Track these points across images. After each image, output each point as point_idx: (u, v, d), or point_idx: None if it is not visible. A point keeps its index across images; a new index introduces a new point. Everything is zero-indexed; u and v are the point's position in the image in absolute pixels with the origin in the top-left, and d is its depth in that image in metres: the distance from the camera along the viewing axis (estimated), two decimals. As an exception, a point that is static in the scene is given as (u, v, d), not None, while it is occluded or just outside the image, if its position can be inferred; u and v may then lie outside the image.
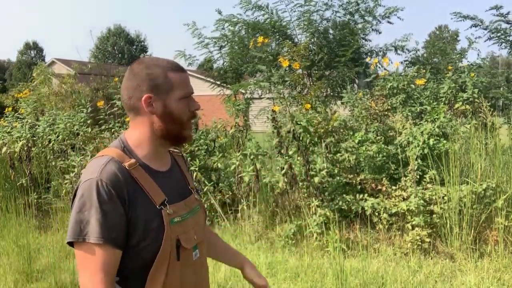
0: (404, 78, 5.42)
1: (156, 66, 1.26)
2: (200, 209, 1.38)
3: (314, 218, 4.31)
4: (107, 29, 48.54)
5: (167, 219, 1.20)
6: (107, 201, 1.13)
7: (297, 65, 5.09)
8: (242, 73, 8.73)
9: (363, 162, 4.71)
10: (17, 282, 3.84)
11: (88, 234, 1.12)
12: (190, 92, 1.29)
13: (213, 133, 5.99)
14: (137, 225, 1.17)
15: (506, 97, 6.92)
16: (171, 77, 1.25)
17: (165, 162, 1.33)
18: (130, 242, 1.17)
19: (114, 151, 1.23)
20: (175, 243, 1.21)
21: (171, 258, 1.20)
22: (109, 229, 1.13)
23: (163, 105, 1.24)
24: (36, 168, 6.02)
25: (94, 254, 1.13)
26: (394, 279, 3.58)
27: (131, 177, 1.19)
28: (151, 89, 1.24)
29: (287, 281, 3.70)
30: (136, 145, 1.27)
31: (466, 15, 7.50)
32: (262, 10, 8.09)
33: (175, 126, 1.26)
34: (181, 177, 1.38)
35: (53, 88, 9.24)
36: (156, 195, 1.21)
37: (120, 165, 1.19)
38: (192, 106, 1.29)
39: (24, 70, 39.88)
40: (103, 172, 1.15)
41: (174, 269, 1.21)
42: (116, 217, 1.14)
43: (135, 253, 1.18)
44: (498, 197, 4.02)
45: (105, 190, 1.13)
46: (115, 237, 1.14)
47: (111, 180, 1.14)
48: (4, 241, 4.55)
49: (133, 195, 1.17)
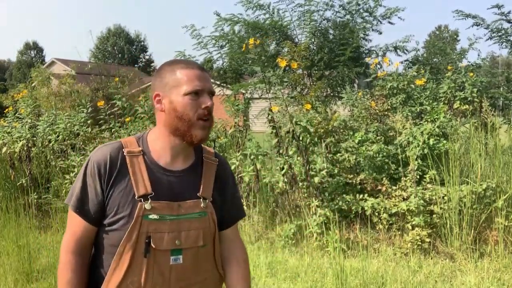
0: (404, 78, 5.43)
1: (171, 65, 1.30)
2: (203, 217, 1.30)
3: (314, 218, 4.31)
4: (107, 29, 48.55)
5: (140, 212, 1.21)
6: (89, 176, 1.25)
7: (295, 64, 5.08)
8: (242, 73, 8.74)
9: (363, 162, 4.71)
10: (17, 282, 3.84)
11: (72, 199, 1.28)
12: (199, 88, 1.25)
13: (213, 133, 5.99)
14: (112, 206, 1.23)
15: (506, 97, 6.92)
16: (179, 73, 1.27)
17: (180, 161, 1.31)
18: (104, 220, 1.25)
19: (129, 138, 1.33)
20: (144, 239, 1.20)
21: (137, 251, 1.21)
22: (82, 201, 1.25)
23: (169, 101, 1.26)
24: (36, 168, 6.02)
25: (72, 219, 1.28)
26: (394, 279, 3.58)
27: (124, 162, 1.25)
28: (160, 87, 1.29)
29: (287, 281, 3.69)
30: (152, 139, 1.31)
31: (467, 14, 7.51)
32: (263, 10, 8.09)
33: (181, 122, 1.25)
34: (195, 181, 1.32)
35: (52, 88, 9.25)
36: (140, 186, 1.23)
37: (117, 150, 1.27)
38: (203, 103, 1.26)
39: (24, 70, 39.89)
40: (98, 151, 1.28)
41: (140, 264, 1.21)
42: (93, 192, 1.24)
43: (106, 232, 1.25)
44: (498, 197, 4.02)
45: (91, 166, 1.25)
46: (86, 210, 1.25)
47: (98, 160, 1.25)
48: (4, 241, 4.55)
49: (116, 178, 1.24)
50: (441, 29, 55.24)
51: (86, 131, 5.80)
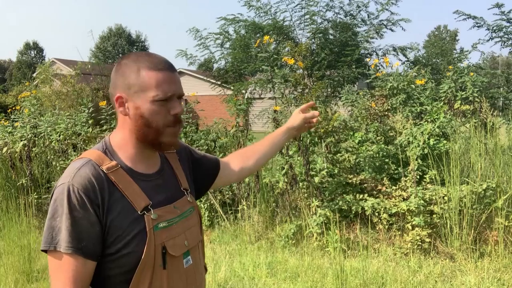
0: (404, 78, 5.42)
1: (134, 62, 1.15)
2: (193, 212, 1.28)
3: (314, 218, 4.31)
4: (108, 29, 48.58)
5: (150, 225, 1.12)
6: (77, 208, 1.06)
7: (301, 63, 5.09)
8: (243, 74, 8.76)
9: (363, 162, 4.71)
10: (17, 282, 3.84)
11: (59, 242, 1.06)
12: (170, 93, 1.14)
13: (214, 133, 5.99)
14: (115, 233, 1.09)
15: (506, 97, 6.92)
16: (144, 75, 1.12)
17: (152, 164, 1.24)
18: (108, 250, 1.10)
19: (94, 153, 1.16)
20: (160, 250, 1.12)
21: (156, 266, 1.12)
22: (78, 238, 1.06)
23: (135, 106, 1.14)
24: (36, 168, 6.03)
25: (65, 263, 1.06)
26: (394, 279, 3.58)
27: (109, 181, 1.11)
28: (123, 88, 1.15)
29: (287, 281, 3.70)
30: (118, 147, 1.19)
31: (468, 14, 7.51)
32: (263, 11, 8.13)
33: (150, 130, 1.14)
34: (173, 178, 1.28)
35: (54, 87, 9.26)
36: (137, 200, 1.13)
37: (97, 168, 1.11)
38: (172, 109, 1.14)
39: (24, 70, 39.88)
40: (76, 176, 1.08)
41: (160, 277, 1.13)
42: (87, 225, 1.07)
43: (114, 261, 1.10)
44: (498, 197, 4.02)
45: (76, 196, 1.06)
46: (85, 246, 1.07)
47: (83, 186, 1.07)
48: (4, 241, 4.55)
49: (109, 201, 1.09)
50: (440, 29, 55.20)
51: (87, 131, 5.81)
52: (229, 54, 8.57)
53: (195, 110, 7.09)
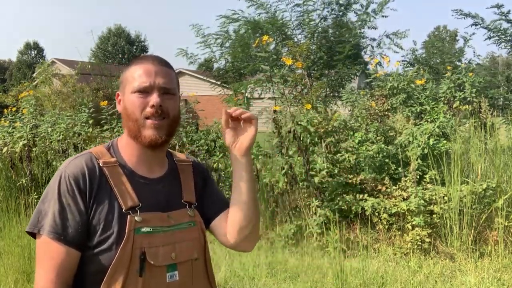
0: (404, 78, 5.43)
1: (133, 60, 1.21)
2: (194, 227, 1.21)
3: (314, 218, 4.31)
4: (108, 29, 48.60)
5: (132, 226, 1.08)
6: (66, 194, 1.08)
7: (299, 64, 5.10)
8: (243, 73, 8.76)
9: (363, 162, 4.71)
10: (17, 282, 3.84)
11: (43, 226, 1.07)
12: (146, 84, 1.13)
13: (214, 133, 5.99)
14: (97, 226, 1.08)
15: (506, 97, 6.93)
16: (132, 69, 1.17)
17: (157, 169, 1.21)
18: (89, 243, 1.08)
19: (97, 148, 1.19)
20: (138, 255, 1.08)
21: (131, 271, 1.07)
22: (63, 225, 1.06)
23: (123, 100, 1.18)
24: (37, 168, 6.03)
25: (49, 249, 1.07)
26: (394, 279, 3.58)
27: (102, 174, 1.12)
28: (120, 87, 1.22)
29: (287, 281, 3.70)
30: (122, 147, 1.20)
31: (467, 13, 7.52)
32: (263, 9, 8.14)
33: (131, 123, 1.15)
34: (176, 188, 1.23)
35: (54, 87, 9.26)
36: (126, 198, 1.11)
37: (93, 160, 1.13)
38: (150, 100, 1.13)
39: (24, 70, 39.89)
40: (70, 165, 1.12)
41: (135, 285, 1.07)
42: (74, 213, 1.07)
43: (92, 256, 1.08)
44: (498, 197, 4.03)
45: (67, 183, 1.08)
46: (69, 234, 1.06)
47: (75, 174, 1.09)
48: (4, 241, 4.55)
49: (97, 191, 1.10)
50: (439, 29, 55.19)
51: (87, 131, 5.81)
52: (229, 53, 8.58)
53: (195, 110, 7.09)
